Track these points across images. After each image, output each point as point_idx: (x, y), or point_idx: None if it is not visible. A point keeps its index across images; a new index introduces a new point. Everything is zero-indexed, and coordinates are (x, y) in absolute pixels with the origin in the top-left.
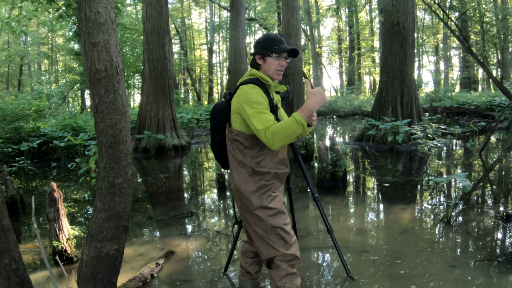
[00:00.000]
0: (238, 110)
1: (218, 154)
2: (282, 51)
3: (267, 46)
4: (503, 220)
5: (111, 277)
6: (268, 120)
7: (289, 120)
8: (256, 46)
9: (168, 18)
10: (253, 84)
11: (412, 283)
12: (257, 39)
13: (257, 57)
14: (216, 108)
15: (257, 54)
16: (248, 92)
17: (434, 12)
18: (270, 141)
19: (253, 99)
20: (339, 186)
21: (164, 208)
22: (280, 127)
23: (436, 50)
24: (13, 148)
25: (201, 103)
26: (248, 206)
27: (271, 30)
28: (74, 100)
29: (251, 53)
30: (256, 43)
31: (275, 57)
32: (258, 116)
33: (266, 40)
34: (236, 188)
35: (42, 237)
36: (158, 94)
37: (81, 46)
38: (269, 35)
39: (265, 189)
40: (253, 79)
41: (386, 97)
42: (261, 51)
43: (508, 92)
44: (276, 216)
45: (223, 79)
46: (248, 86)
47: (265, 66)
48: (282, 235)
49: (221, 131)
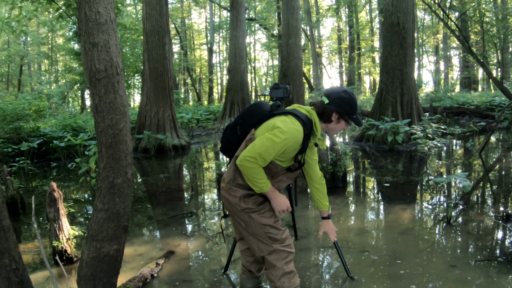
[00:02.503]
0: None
1: (226, 139)
2: (358, 124)
3: (350, 112)
4: (503, 220)
5: (111, 277)
6: (266, 159)
7: (264, 180)
8: (340, 103)
9: (168, 18)
10: (304, 126)
11: (412, 283)
12: (344, 97)
13: (334, 115)
14: (257, 107)
15: (337, 113)
16: (291, 131)
17: (434, 12)
18: (243, 160)
19: (288, 140)
20: (339, 186)
21: (164, 208)
22: (257, 170)
23: (436, 50)
24: (13, 148)
25: (201, 103)
26: (235, 207)
27: (271, 30)
28: (74, 100)
29: (329, 103)
30: (341, 99)
31: (348, 123)
32: (268, 145)
33: (352, 106)
34: (226, 189)
35: (42, 237)
36: (158, 94)
37: (81, 46)
38: (354, 99)
39: (253, 197)
40: (308, 119)
41: (386, 97)
42: (343, 113)
43: (508, 92)
44: (265, 214)
45: (223, 79)
46: (298, 128)
47: (334, 125)
48: (272, 231)
49: (245, 128)
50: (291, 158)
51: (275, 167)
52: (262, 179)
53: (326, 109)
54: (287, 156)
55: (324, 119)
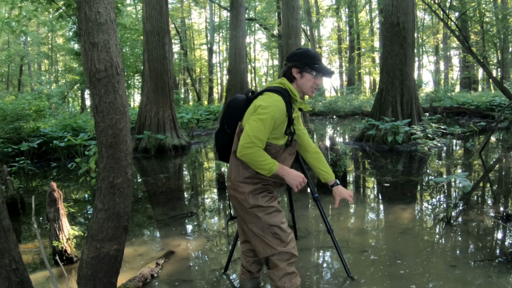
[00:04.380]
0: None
1: (221, 145)
2: (323, 71)
3: (309, 63)
4: (503, 220)
5: (111, 277)
6: (263, 139)
7: (270, 160)
8: (296, 58)
9: (168, 18)
10: (282, 95)
11: (412, 283)
12: (298, 52)
13: (294, 70)
14: (234, 101)
15: (296, 68)
16: (273, 104)
17: (434, 12)
18: (242, 149)
19: (272, 113)
20: None
21: (164, 208)
22: (259, 153)
23: (436, 50)
24: (13, 148)
25: (201, 103)
26: (244, 205)
27: (271, 30)
28: (74, 100)
29: (286, 63)
30: (296, 55)
31: (314, 75)
32: (258, 125)
33: (309, 56)
34: (233, 186)
35: (42, 237)
36: (158, 94)
37: (81, 46)
38: (311, 51)
39: (261, 190)
40: (282, 88)
41: (386, 97)
42: (301, 65)
43: (508, 92)
44: (272, 214)
45: (223, 79)
46: (277, 98)
47: (301, 81)
48: (279, 233)
49: (232, 125)
50: (283, 133)
51: (273, 148)
52: (266, 160)
53: (287, 70)
54: (279, 131)
55: (290, 79)
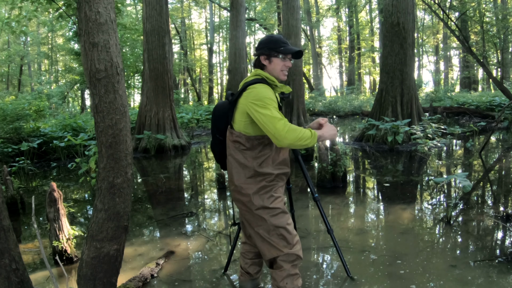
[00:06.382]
0: (246, 109)
1: (219, 154)
2: (288, 52)
3: (273, 47)
4: (503, 220)
5: (111, 277)
6: (282, 117)
7: (305, 130)
8: (261, 46)
9: (168, 18)
10: (262, 84)
11: (412, 283)
12: (261, 40)
13: (262, 58)
14: (218, 108)
15: (263, 55)
16: (261, 91)
17: (434, 12)
18: (283, 135)
19: (266, 95)
20: (339, 186)
21: (164, 208)
22: (296, 128)
23: (436, 50)
24: (13, 148)
25: (201, 103)
26: (249, 207)
27: (271, 30)
28: (74, 100)
29: (255, 53)
30: (260, 43)
31: (281, 58)
32: (274, 111)
33: (272, 41)
34: (236, 189)
35: (42, 237)
36: (158, 94)
37: (81, 46)
38: (274, 36)
39: (266, 190)
40: (259, 79)
41: (386, 97)
42: (267, 51)
43: (508, 92)
44: (278, 216)
45: (223, 79)
46: (260, 85)
47: (271, 67)
48: (285, 234)
49: (223, 131)
50: None
51: (267, 139)
52: (302, 131)
53: (256, 60)
54: None
55: (262, 68)
